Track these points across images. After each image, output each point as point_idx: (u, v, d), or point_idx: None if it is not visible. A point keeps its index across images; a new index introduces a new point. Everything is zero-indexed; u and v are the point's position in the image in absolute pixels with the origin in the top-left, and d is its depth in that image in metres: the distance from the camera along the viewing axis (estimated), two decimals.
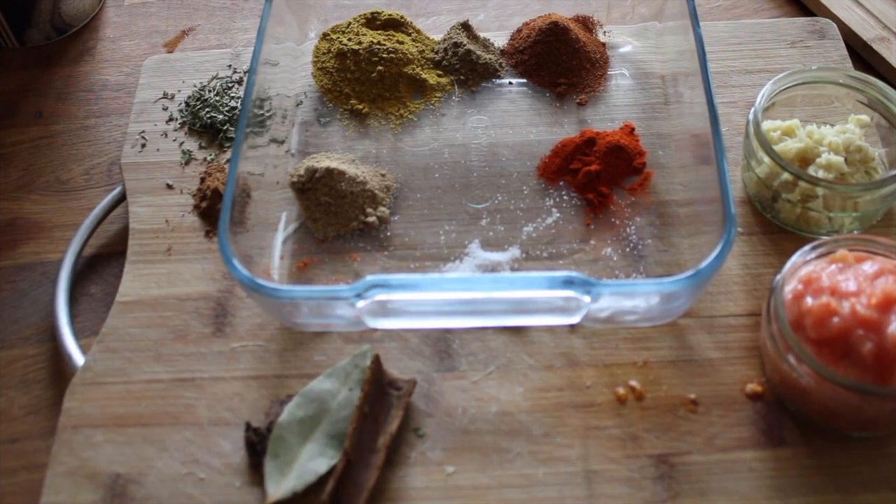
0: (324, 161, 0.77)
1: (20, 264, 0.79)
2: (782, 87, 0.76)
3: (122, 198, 0.81)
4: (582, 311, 0.64)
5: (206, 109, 0.85)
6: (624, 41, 0.88)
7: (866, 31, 0.90)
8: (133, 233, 0.78)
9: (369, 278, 0.62)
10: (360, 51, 0.84)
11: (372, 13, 0.88)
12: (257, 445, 0.65)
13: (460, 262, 0.74)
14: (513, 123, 0.83)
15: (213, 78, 0.89)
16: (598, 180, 0.77)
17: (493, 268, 0.74)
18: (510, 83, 0.86)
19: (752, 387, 0.67)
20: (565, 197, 0.77)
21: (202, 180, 0.80)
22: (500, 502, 0.63)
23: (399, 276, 0.71)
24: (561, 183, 0.78)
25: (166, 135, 0.84)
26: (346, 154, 0.81)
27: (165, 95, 0.87)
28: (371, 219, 0.76)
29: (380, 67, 0.84)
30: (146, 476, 0.65)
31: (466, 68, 0.86)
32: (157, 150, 0.83)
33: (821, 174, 0.72)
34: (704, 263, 0.61)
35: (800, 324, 0.62)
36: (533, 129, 0.82)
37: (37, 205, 0.83)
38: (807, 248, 0.66)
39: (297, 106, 0.85)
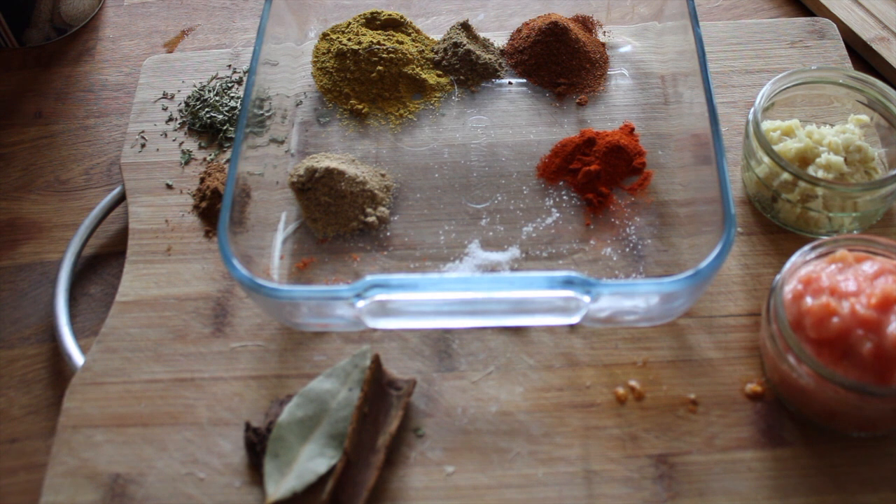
0: (323, 161, 0.77)
1: (20, 264, 0.79)
2: (782, 88, 0.76)
3: (121, 198, 0.81)
4: (582, 311, 0.64)
5: (206, 109, 0.85)
6: (624, 41, 0.88)
7: (866, 31, 0.90)
8: (133, 233, 0.78)
9: (369, 278, 0.62)
10: (360, 51, 0.84)
11: (372, 13, 0.88)
12: (257, 445, 0.65)
13: (460, 262, 0.74)
14: (512, 123, 0.83)
15: (213, 78, 0.89)
16: (597, 180, 0.77)
17: (492, 268, 0.74)
18: (510, 83, 0.86)
19: (752, 387, 0.67)
20: (565, 197, 0.77)
21: (202, 180, 0.80)
22: (500, 502, 0.63)
23: (399, 276, 0.71)
24: (561, 183, 0.78)
25: (166, 135, 0.84)
26: (345, 154, 0.81)
27: (165, 95, 0.87)
28: (371, 219, 0.76)
29: (379, 67, 0.84)
30: (146, 476, 0.65)
31: (466, 68, 0.86)
32: (157, 150, 0.83)
33: (820, 174, 0.72)
34: (704, 263, 0.61)
35: (799, 324, 0.62)
36: (533, 129, 0.82)
37: (37, 205, 0.83)
38: (806, 248, 0.66)
39: (297, 106, 0.85)
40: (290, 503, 0.63)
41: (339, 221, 0.76)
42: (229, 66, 0.90)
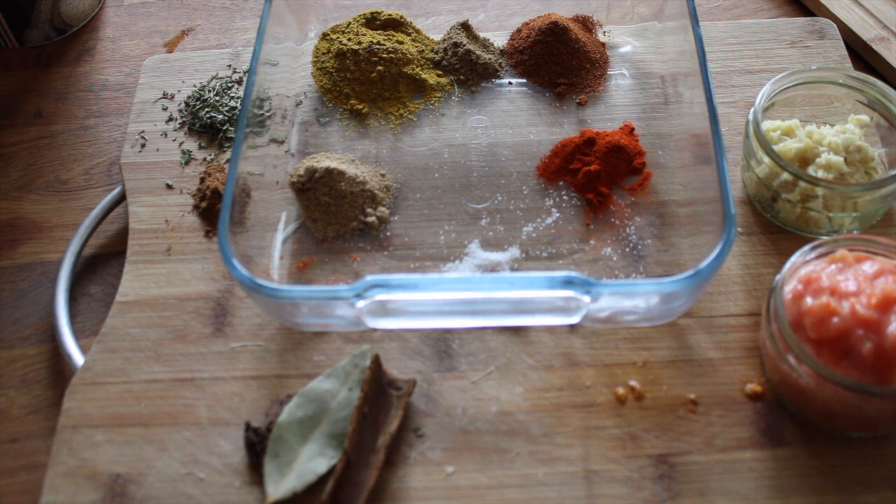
0: (323, 161, 0.77)
1: (20, 264, 0.79)
2: (782, 87, 0.76)
3: (121, 198, 0.81)
4: (582, 311, 0.64)
5: (206, 109, 0.85)
6: (624, 41, 0.88)
7: (866, 31, 0.90)
8: (133, 233, 0.78)
9: (369, 278, 0.62)
10: (360, 51, 0.84)
11: (372, 13, 0.88)
12: (257, 445, 0.65)
13: (460, 262, 0.74)
14: (513, 123, 0.83)
15: (213, 78, 0.89)
16: (597, 180, 0.77)
17: (493, 268, 0.74)
18: (510, 83, 0.86)
19: (752, 387, 0.67)
20: (565, 197, 0.77)
21: (202, 180, 0.80)
22: (500, 502, 0.63)
23: (399, 276, 0.71)
24: (561, 183, 0.78)
25: (166, 135, 0.84)
26: (345, 154, 0.81)
27: (165, 95, 0.87)
28: (371, 219, 0.76)
29: (379, 67, 0.84)
30: (146, 476, 0.65)
31: (466, 68, 0.86)
32: (157, 150, 0.83)
33: (820, 174, 0.72)
34: (704, 263, 0.61)
35: (800, 324, 0.62)
36: (533, 129, 0.82)
37: (37, 205, 0.83)
38: (806, 248, 0.66)
39: (297, 106, 0.85)
40: (290, 503, 0.63)
41: (339, 221, 0.76)
42: (229, 66, 0.90)
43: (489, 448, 0.65)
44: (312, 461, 0.63)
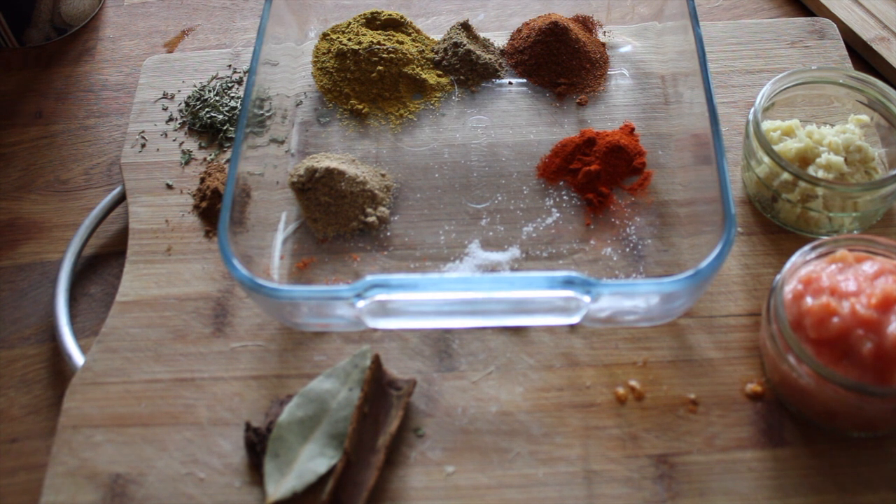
0: (324, 161, 0.77)
1: (20, 264, 0.79)
2: (782, 88, 0.76)
3: (122, 198, 0.81)
4: (582, 311, 0.64)
5: (206, 109, 0.85)
6: (624, 41, 0.88)
7: (866, 31, 0.90)
8: (133, 233, 0.78)
9: (369, 278, 0.62)
10: (360, 51, 0.84)
11: (372, 13, 0.88)
12: (257, 445, 0.65)
13: (460, 262, 0.74)
14: (513, 123, 0.83)
15: (213, 78, 0.89)
16: (597, 180, 0.77)
17: (493, 268, 0.74)
18: (510, 83, 0.86)
19: (752, 387, 0.67)
20: (565, 197, 0.77)
21: (202, 180, 0.80)
22: (500, 502, 0.63)
23: (399, 276, 0.71)
24: (561, 183, 0.78)
25: (166, 135, 0.84)
26: (346, 154, 0.81)
27: (165, 95, 0.87)
28: (371, 219, 0.76)
29: (380, 67, 0.84)
30: (146, 476, 0.65)
31: (466, 68, 0.86)
32: (157, 150, 0.83)
33: (821, 174, 0.72)
34: (704, 263, 0.61)
35: (800, 324, 0.62)
36: (533, 129, 0.82)
37: (37, 205, 0.83)
38: (807, 248, 0.66)
39: (297, 106, 0.85)
40: (291, 503, 0.63)
41: (339, 221, 0.76)
42: (229, 66, 0.90)
43: (489, 448, 0.65)
44: (312, 461, 0.63)
